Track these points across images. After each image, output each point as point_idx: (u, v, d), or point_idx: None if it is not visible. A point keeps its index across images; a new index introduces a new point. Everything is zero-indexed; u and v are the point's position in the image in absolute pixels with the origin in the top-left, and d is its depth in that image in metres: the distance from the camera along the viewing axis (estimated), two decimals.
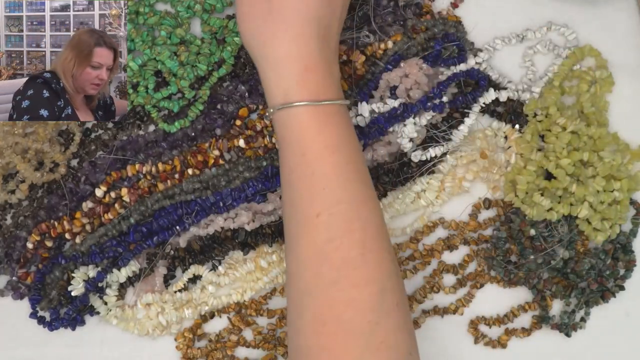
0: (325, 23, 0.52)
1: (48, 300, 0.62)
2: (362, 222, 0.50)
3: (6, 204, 0.65)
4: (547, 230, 0.63)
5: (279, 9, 0.51)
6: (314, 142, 0.51)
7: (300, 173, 0.51)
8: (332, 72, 0.53)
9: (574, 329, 0.63)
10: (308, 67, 0.51)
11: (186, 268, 0.64)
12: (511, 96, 0.65)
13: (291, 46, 0.51)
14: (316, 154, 0.51)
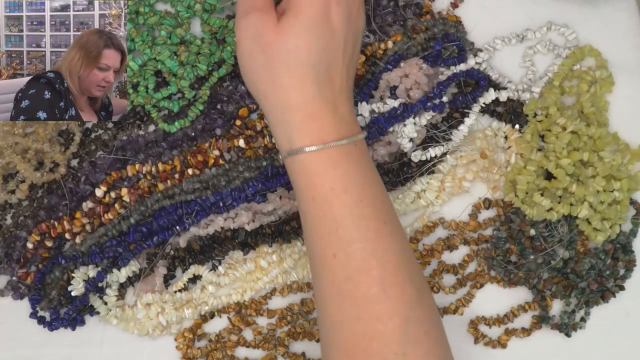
0: (324, 67, 0.51)
1: (48, 300, 0.62)
2: (379, 259, 0.50)
3: (6, 204, 0.65)
4: (547, 230, 0.63)
5: (274, 60, 0.51)
6: (321, 186, 0.51)
7: (313, 215, 0.51)
8: (338, 111, 0.52)
9: (574, 329, 0.63)
10: (309, 113, 0.51)
11: (186, 268, 0.64)
12: (511, 96, 0.65)
13: (290, 95, 0.51)
14: (324, 197, 0.51)
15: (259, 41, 0.51)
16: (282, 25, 0.50)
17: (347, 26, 0.52)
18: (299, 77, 0.51)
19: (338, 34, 0.51)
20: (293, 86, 0.51)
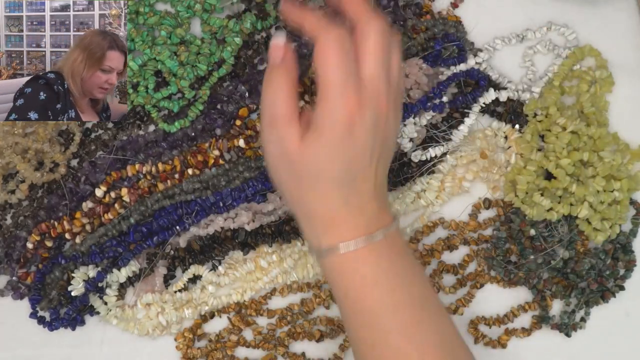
0: (349, 179, 0.50)
1: (48, 300, 0.62)
2: (417, 346, 0.50)
3: (6, 204, 0.65)
4: (547, 230, 0.63)
5: (298, 174, 0.50)
6: (352, 281, 0.51)
7: (348, 309, 0.51)
8: (366, 212, 0.51)
9: (574, 329, 0.63)
10: (334, 219, 0.51)
11: (186, 268, 0.64)
12: (511, 96, 0.65)
13: (314, 206, 0.51)
14: (356, 292, 0.51)
15: (283, 153, 0.50)
16: (306, 142, 0.49)
17: (373, 134, 0.50)
18: (323, 192, 0.50)
19: (363, 145, 0.50)
20: (317, 199, 0.50)
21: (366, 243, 0.50)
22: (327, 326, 0.63)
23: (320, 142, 0.49)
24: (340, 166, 0.50)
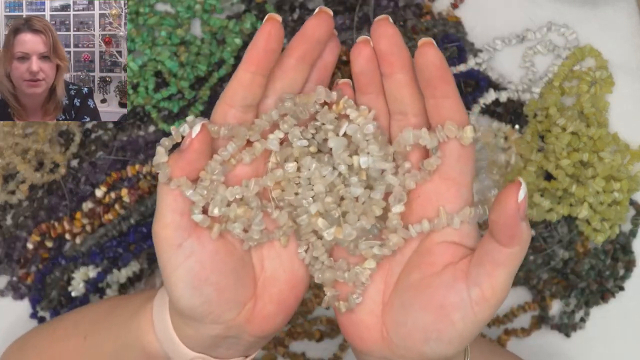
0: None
1: (48, 300, 0.63)
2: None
3: (6, 205, 0.65)
4: (547, 231, 0.63)
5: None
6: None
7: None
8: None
9: (574, 329, 0.63)
10: None
11: None
12: (511, 97, 0.65)
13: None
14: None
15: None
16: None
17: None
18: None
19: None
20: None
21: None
22: (327, 326, 0.63)
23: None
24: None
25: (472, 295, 0.39)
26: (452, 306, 0.39)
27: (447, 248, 0.40)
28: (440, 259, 0.40)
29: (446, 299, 0.39)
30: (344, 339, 0.63)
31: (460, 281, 0.39)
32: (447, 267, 0.40)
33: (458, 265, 0.40)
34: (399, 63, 0.40)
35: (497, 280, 0.38)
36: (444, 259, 0.40)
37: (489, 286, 0.38)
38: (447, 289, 0.39)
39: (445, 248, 0.40)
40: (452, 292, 0.39)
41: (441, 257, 0.40)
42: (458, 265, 0.40)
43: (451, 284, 0.39)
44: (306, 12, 0.68)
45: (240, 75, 0.40)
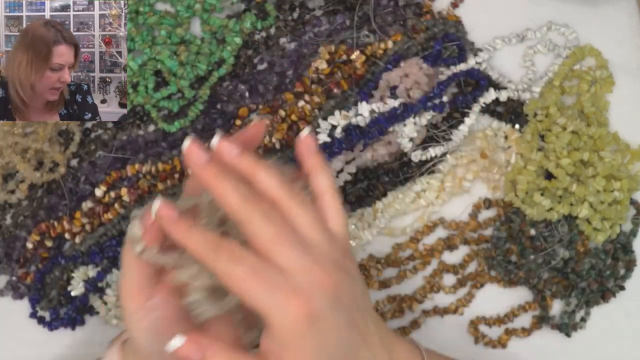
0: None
1: (48, 300, 0.62)
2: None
3: (6, 204, 0.65)
4: (547, 230, 0.62)
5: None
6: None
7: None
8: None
9: (574, 329, 0.63)
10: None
11: None
12: (511, 96, 0.65)
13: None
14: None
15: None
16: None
17: (336, 315, 0.44)
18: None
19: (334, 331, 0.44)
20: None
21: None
22: None
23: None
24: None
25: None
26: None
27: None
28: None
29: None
30: None
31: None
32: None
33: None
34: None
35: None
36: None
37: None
38: None
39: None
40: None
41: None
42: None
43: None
44: (306, 11, 0.68)
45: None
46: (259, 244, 0.42)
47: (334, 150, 0.63)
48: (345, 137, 0.63)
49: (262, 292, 0.42)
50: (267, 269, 0.42)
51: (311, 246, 0.44)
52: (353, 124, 0.64)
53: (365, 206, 0.64)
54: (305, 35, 0.67)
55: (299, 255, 0.43)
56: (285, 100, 0.65)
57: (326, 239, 0.45)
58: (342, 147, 0.63)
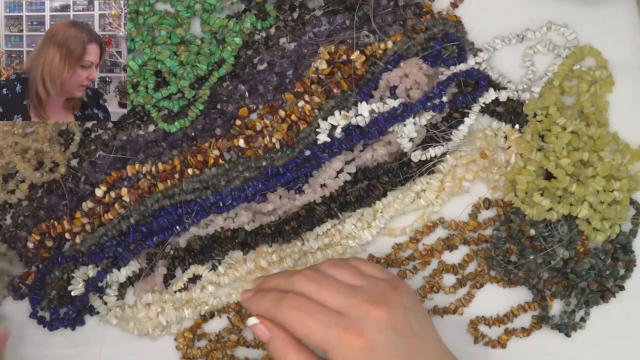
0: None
1: (48, 300, 0.62)
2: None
3: (6, 204, 0.65)
4: (547, 230, 0.63)
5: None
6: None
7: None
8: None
9: (574, 329, 0.63)
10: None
11: (186, 268, 0.64)
12: (511, 96, 0.65)
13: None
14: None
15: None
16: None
17: (394, 344, 0.49)
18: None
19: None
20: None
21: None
22: None
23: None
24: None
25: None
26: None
27: None
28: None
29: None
30: None
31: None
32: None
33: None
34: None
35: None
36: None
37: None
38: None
39: None
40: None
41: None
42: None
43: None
44: (306, 12, 0.68)
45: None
46: (312, 297, 0.51)
47: (334, 150, 0.63)
48: (345, 137, 0.63)
49: (320, 330, 0.49)
50: (323, 311, 0.49)
51: (356, 288, 0.51)
52: (353, 124, 0.64)
53: (365, 206, 0.64)
54: (305, 35, 0.67)
55: (347, 297, 0.50)
56: (285, 100, 0.65)
57: (371, 282, 0.52)
58: (342, 147, 0.63)
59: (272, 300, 0.52)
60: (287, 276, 0.53)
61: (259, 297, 0.53)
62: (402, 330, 0.49)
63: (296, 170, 0.63)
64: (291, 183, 0.64)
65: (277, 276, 0.55)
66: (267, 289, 0.54)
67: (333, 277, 0.52)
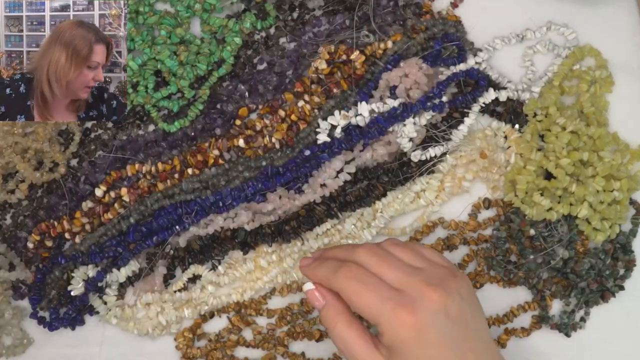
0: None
1: (48, 300, 0.62)
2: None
3: (6, 204, 0.65)
4: (546, 230, 0.63)
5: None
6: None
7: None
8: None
9: (574, 329, 0.63)
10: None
11: (186, 268, 0.64)
12: (511, 96, 0.65)
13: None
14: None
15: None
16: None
17: (445, 326, 0.49)
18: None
19: (441, 342, 0.49)
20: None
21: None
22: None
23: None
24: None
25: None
26: None
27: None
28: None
29: None
30: None
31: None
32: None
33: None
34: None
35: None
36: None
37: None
38: None
39: None
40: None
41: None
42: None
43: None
44: (306, 11, 0.68)
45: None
46: (371, 270, 0.51)
47: (333, 150, 0.63)
48: (345, 137, 0.63)
49: (375, 302, 0.49)
50: (379, 284, 0.49)
51: (416, 269, 0.51)
52: (353, 123, 0.64)
53: (365, 206, 0.64)
54: (305, 35, 0.67)
55: (406, 274, 0.50)
56: (285, 100, 0.65)
57: (429, 265, 0.52)
58: (342, 147, 0.63)
59: (330, 267, 0.52)
60: (347, 247, 0.54)
61: (317, 264, 0.53)
62: (454, 318, 0.49)
63: (296, 170, 0.63)
64: (291, 183, 0.64)
65: (338, 247, 0.55)
66: (327, 257, 0.54)
67: (395, 256, 0.52)
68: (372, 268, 0.51)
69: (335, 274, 0.51)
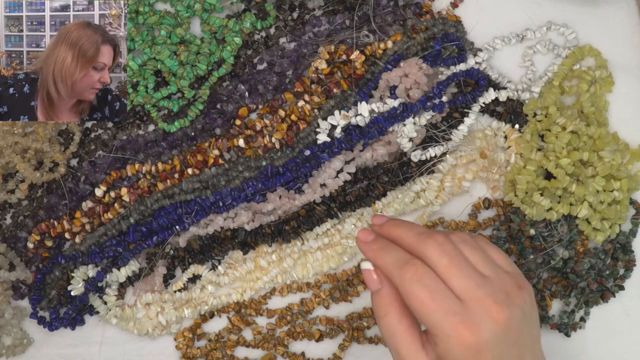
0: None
1: (48, 300, 0.62)
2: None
3: (6, 204, 0.65)
4: (546, 230, 0.63)
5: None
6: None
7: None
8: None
9: (574, 329, 0.63)
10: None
11: (186, 268, 0.64)
12: (511, 96, 0.65)
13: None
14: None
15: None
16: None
17: (501, 346, 0.47)
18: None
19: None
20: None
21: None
22: (327, 326, 0.63)
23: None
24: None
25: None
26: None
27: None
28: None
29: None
30: (343, 338, 0.63)
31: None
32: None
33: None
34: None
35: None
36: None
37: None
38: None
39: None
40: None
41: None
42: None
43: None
44: (306, 11, 0.68)
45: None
46: (439, 272, 0.47)
47: (333, 150, 0.63)
48: (345, 137, 0.64)
49: (437, 314, 0.46)
50: (445, 295, 0.47)
51: (485, 278, 0.48)
52: (353, 123, 0.64)
53: (365, 206, 0.64)
54: (305, 35, 0.67)
55: (474, 285, 0.47)
56: (285, 100, 0.65)
57: (498, 274, 0.49)
58: (342, 147, 0.63)
59: (395, 260, 0.49)
60: (417, 234, 0.50)
61: (381, 249, 0.50)
62: (512, 338, 0.47)
63: (296, 170, 0.63)
64: (291, 183, 0.64)
65: (405, 227, 0.51)
66: (393, 239, 0.51)
67: (464, 256, 0.49)
68: (441, 270, 0.48)
69: (400, 271, 0.48)
